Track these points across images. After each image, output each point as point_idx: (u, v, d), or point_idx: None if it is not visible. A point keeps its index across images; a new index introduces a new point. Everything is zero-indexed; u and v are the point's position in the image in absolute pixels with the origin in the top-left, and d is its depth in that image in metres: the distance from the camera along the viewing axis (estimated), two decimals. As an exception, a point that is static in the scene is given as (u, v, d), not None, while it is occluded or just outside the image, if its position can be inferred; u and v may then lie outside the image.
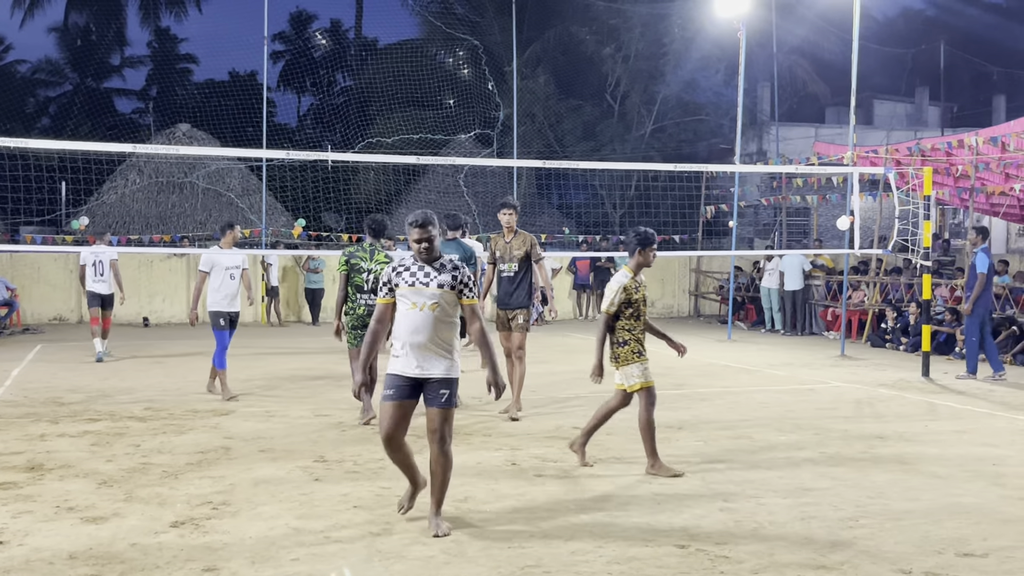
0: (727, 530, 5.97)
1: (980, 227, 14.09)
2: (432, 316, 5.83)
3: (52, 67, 37.91)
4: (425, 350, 5.84)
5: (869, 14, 38.06)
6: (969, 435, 9.23)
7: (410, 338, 5.83)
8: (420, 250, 5.87)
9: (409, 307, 5.87)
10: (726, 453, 8.20)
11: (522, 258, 10.04)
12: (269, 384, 12.22)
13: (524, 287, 10.07)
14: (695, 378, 13.24)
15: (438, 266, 5.92)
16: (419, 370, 5.86)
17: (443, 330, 5.88)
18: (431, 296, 5.83)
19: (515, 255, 10.04)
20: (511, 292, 10.06)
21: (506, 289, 10.09)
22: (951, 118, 39.76)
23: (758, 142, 32.98)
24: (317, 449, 8.22)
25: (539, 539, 5.75)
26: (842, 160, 19.09)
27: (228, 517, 6.18)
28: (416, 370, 5.86)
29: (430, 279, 5.86)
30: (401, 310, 5.91)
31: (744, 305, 22.97)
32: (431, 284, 5.85)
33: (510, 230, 10.12)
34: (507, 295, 10.08)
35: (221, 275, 11.18)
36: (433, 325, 5.84)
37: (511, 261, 10.05)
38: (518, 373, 10.06)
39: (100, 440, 8.55)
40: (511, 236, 10.12)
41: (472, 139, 29.42)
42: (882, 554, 5.53)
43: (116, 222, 25.33)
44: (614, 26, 31.18)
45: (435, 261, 5.94)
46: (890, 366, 14.83)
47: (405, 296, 5.89)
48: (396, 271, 5.97)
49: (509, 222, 10.07)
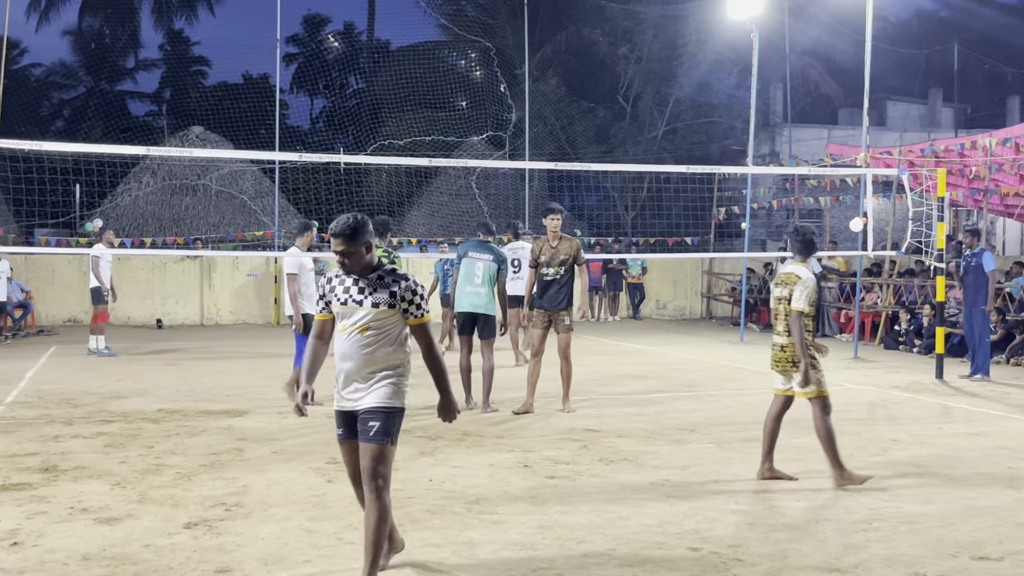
0: (740, 532, 5.95)
1: (973, 229, 14.08)
2: (362, 341, 4.92)
3: (66, 70, 38.15)
4: (355, 379, 4.96)
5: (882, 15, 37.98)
6: (983, 438, 9.18)
7: (340, 365, 4.99)
8: (340, 264, 4.96)
9: (339, 329, 5.01)
10: (739, 455, 8.18)
11: (567, 262, 10.29)
12: (280, 385, 12.22)
13: (567, 290, 10.34)
14: (707, 380, 13.21)
15: (375, 279, 4.96)
16: (348, 402, 5.00)
17: (380, 355, 4.95)
18: (361, 318, 4.92)
19: (561, 259, 10.28)
20: (555, 295, 10.30)
21: (550, 292, 10.32)
22: (965, 119, 39.58)
23: (771, 144, 32.92)
24: (329, 451, 8.23)
25: (551, 541, 5.74)
26: (855, 161, 19.03)
27: (241, 519, 6.19)
28: (345, 403, 5.01)
29: (364, 296, 4.92)
30: (336, 330, 5.09)
31: (756, 307, 22.91)
32: (365, 302, 4.90)
33: (555, 235, 10.37)
34: (551, 298, 10.32)
35: (308, 276, 10.90)
36: (364, 351, 4.93)
37: (556, 265, 10.28)
38: (566, 372, 10.36)
39: (114, 441, 8.59)
40: (556, 241, 10.36)
41: (484, 141, 29.44)
42: (896, 557, 5.50)
43: (130, 224, 25.45)
44: (627, 28, 31.17)
45: (372, 272, 4.98)
46: (903, 368, 14.77)
47: (337, 316, 5.05)
48: (330, 283, 5.08)
49: (555, 227, 10.33)
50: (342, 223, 4.92)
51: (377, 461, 4.87)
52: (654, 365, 14.90)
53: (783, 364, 7.35)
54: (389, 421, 4.92)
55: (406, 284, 4.94)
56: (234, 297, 22.44)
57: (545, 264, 10.35)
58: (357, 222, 4.93)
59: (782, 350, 7.33)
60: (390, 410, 4.94)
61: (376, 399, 4.93)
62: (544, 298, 10.35)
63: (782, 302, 7.32)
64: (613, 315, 24.39)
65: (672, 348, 16.83)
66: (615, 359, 15.73)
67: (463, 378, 10.38)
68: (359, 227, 4.92)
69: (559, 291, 10.29)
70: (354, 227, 4.91)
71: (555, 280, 10.29)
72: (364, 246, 4.94)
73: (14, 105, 28.26)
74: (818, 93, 36.93)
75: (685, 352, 16.77)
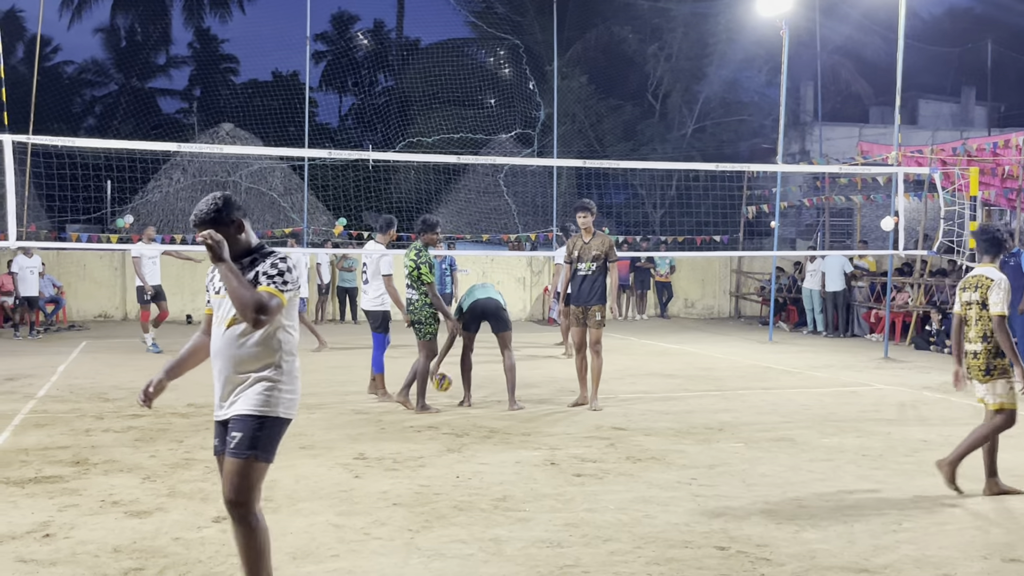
0: (768, 532, 5.92)
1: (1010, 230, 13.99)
2: (231, 335, 4.32)
3: (98, 67, 38.51)
4: (228, 381, 4.36)
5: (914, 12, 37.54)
6: (1015, 439, 9.06)
7: (213, 366, 4.45)
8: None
9: (216, 323, 4.45)
10: (767, 455, 8.14)
11: (600, 258, 10.41)
12: (309, 381, 12.28)
13: (600, 285, 10.44)
14: (736, 379, 13.16)
15: (248, 263, 4.38)
16: (221, 410, 4.40)
17: (251, 352, 4.32)
18: (230, 308, 4.30)
19: (593, 255, 10.41)
20: (588, 290, 10.42)
21: (583, 287, 10.45)
22: (998, 118, 39.12)
23: (801, 142, 32.71)
24: (357, 446, 8.27)
25: (578, 539, 5.74)
26: (886, 160, 18.87)
27: (269, 513, 6.20)
28: (219, 410, 4.42)
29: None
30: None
31: (785, 306, 22.78)
32: None
33: (588, 231, 10.52)
34: (584, 293, 10.44)
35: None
36: (233, 347, 4.32)
37: (589, 261, 10.43)
38: (595, 367, 10.46)
39: (144, 436, 8.66)
40: (589, 237, 10.52)
41: (512, 139, 29.45)
42: (926, 558, 5.46)
43: (160, 221, 25.65)
44: (657, 25, 31.07)
45: (247, 256, 4.40)
46: (934, 369, 14.64)
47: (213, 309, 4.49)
48: (213, 272, 4.49)
49: (586, 223, 10.49)
50: (201, 210, 4.30)
51: (237, 478, 4.20)
52: (682, 364, 14.85)
53: (976, 372, 7.02)
54: (257, 431, 4.24)
55: (271, 260, 4.33)
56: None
57: (578, 260, 10.49)
58: (218, 203, 4.31)
59: (975, 357, 6.99)
60: (261, 419, 4.26)
61: (244, 405, 4.28)
62: (578, 294, 10.48)
63: (972, 307, 6.99)
64: (641, 313, 24.32)
65: (700, 347, 16.75)
66: (643, 357, 15.70)
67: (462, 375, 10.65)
68: (221, 208, 4.30)
69: (592, 287, 10.40)
70: (216, 209, 4.29)
71: (588, 276, 10.41)
72: (234, 226, 4.33)
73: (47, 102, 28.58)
74: (849, 91, 36.63)
75: (713, 351, 16.70)
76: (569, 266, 10.63)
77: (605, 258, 10.44)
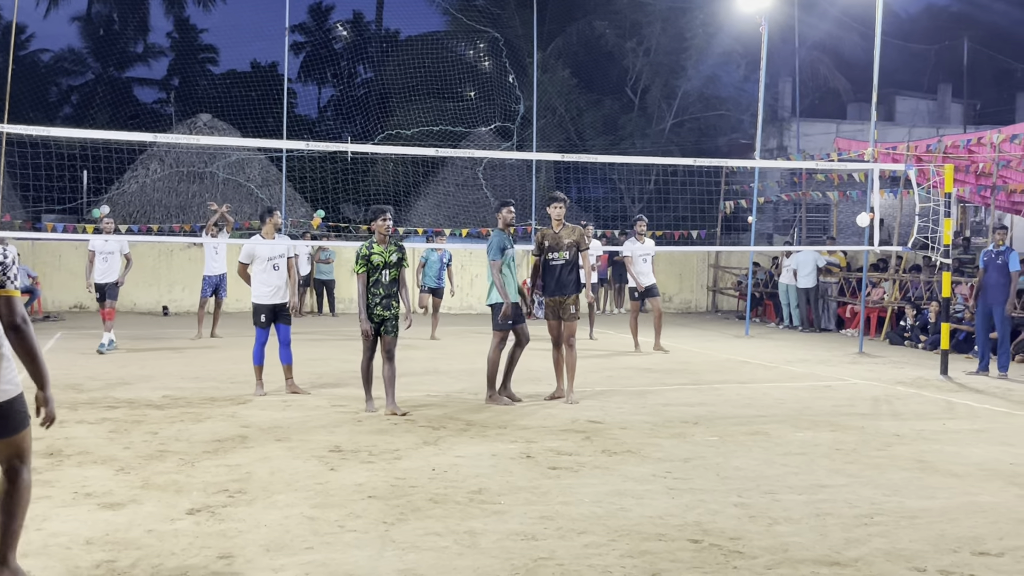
0: (741, 525, 5.96)
1: (1002, 226, 14.14)
2: None
3: (75, 56, 38.19)
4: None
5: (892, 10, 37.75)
6: (987, 434, 9.18)
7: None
8: None
9: None
10: (741, 448, 8.19)
11: (572, 248, 10.46)
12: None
13: (574, 275, 10.49)
14: (712, 373, 13.22)
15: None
16: None
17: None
18: None
19: (565, 244, 10.45)
20: (563, 279, 10.45)
21: (557, 277, 10.47)
22: (974, 115, 39.44)
23: (779, 138, 32.85)
24: (333, 439, 8.26)
25: (552, 531, 5.76)
26: (863, 156, 18.99)
27: (244, 505, 6.21)
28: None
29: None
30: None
31: (762, 301, 22.91)
32: None
33: (559, 222, 10.55)
34: (558, 283, 10.47)
35: (263, 266, 10.64)
36: None
37: (561, 250, 10.46)
38: (570, 361, 10.48)
39: (118, 427, 8.61)
40: (560, 227, 10.55)
41: (492, 132, 29.42)
42: (897, 552, 5.51)
43: (136, 211, 25.50)
44: (636, 20, 31.10)
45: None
46: (908, 364, 14.76)
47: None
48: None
49: (559, 215, 10.52)
50: None
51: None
52: (658, 358, 14.91)
53: None
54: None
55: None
56: (240, 284, 22.42)
57: (550, 250, 10.51)
58: None
59: None
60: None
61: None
62: (552, 284, 10.49)
63: None
64: (619, 307, 24.38)
65: (677, 341, 16.81)
66: (620, 351, 15.74)
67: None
68: None
69: (567, 276, 10.44)
70: None
71: (562, 265, 10.45)
72: None
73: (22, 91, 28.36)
74: (827, 87, 36.81)
75: (690, 345, 16.76)
76: (537, 258, 10.67)
77: (577, 247, 10.49)
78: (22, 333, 4.50)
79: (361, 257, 9.64)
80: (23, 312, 4.51)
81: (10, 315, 4.46)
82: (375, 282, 9.63)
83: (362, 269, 9.61)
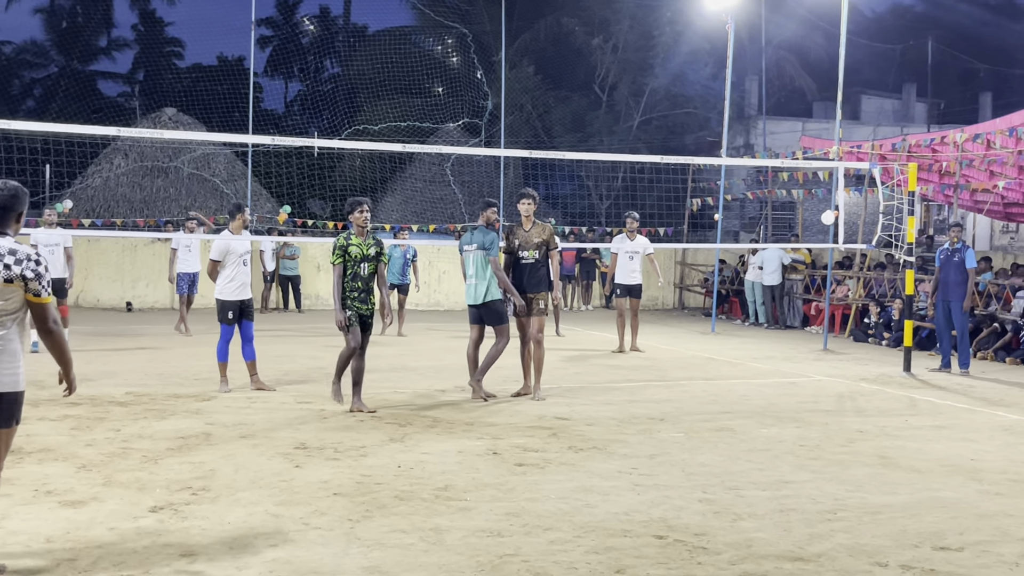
0: (706, 521, 5.99)
1: (957, 224, 14.32)
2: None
3: (37, 49, 37.66)
4: None
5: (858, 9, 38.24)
6: (948, 430, 9.28)
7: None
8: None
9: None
10: (707, 445, 8.23)
11: (542, 246, 10.43)
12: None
13: (543, 273, 10.48)
14: (678, 370, 13.28)
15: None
16: None
17: None
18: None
19: (534, 243, 10.41)
20: (531, 278, 10.43)
21: (526, 275, 10.44)
22: (938, 115, 39.86)
23: (745, 136, 33.05)
24: (298, 436, 8.21)
25: (518, 528, 5.76)
26: (828, 155, 19.13)
27: (207, 503, 6.16)
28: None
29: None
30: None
31: (728, 298, 23.04)
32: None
33: (528, 219, 10.51)
34: (528, 281, 10.43)
35: (235, 263, 10.53)
36: None
37: (531, 249, 10.41)
38: (537, 357, 10.48)
39: (80, 424, 8.52)
40: (530, 225, 10.50)
41: (460, 128, 29.38)
42: (860, 547, 5.56)
43: (100, 206, 25.24)
44: (604, 17, 31.18)
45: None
46: (872, 361, 14.90)
47: None
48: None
49: (528, 211, 10.47)
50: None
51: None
52: (625, 354, 14.95)
53: None
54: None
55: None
56: (205, 280, 22.24)
57: (520, 248, 10.47)
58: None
59: None
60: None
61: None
62: (522, 283, 10.44)
63: None
64: (586, 304, 24.43)
65: (644, 338, 16.86)
66: (587, 348, 15.77)
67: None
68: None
69: (536, 275, 10.43)
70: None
71: (531, 264, 10.43)
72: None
73: (-17, 83, 27.94)
74: (793, 86, 37.09)
75: (656, 342, 16.83)
76: (510, 256, 10.61)
77: (547, 246, 10.47)
78: (54, 336, 4.94)
79: (338, 248, 9.43)
80: (55, 315, 4.95)
81: (43, 320, 4.89)
82: (353, 275, 9.45)
83: (339, 260, 9.39)
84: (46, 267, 4.88)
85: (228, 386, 10.51)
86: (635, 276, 15.34)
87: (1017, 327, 15.28)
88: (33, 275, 4.76)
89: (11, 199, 4.90)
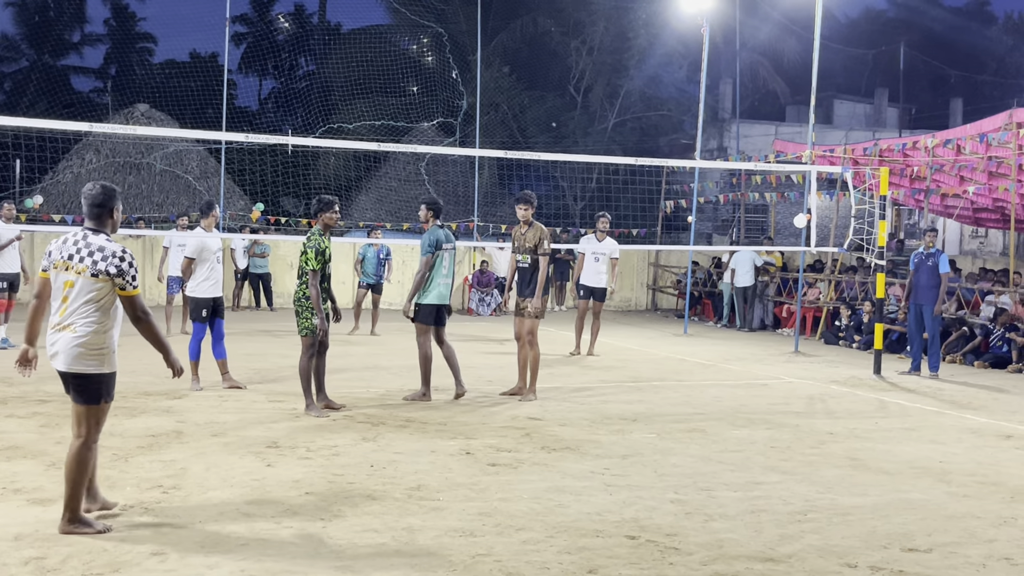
0: (677, 522, 6.02)
1: (932, 228, 14.48)
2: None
3: (8, 43, 37.23)
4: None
5: (831, 14, 38.46)
6: (918, 432, 9.37)
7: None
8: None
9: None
10: (679, 446, 8.26)
11: (532, 249, 10.53)
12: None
13: (534, 278, 10.51)
14: (651, 371, 13.32)
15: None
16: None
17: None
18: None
19: (527, 246, 10.53)
20: (525, 281, 10.56)
21: (522, 278, 10.60)
22: (909, 120, 40.22)
23: (719, 139, 33.21)
24: (270, 435, 8.18)
25: (491, 528, 5.76)
26: (801, 158, 19.26)
27: (178, 501, 6.13)
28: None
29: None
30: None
31: (701, 300, 23.15)
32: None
33: (525, 222, 10.61)
34: (522, 283, 10.58)
35: (210, 260, 10.47)
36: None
37: (524, 252, 10.56)
38: (528, 357, 10.52)
39: (49, 422, 8.44)
40: (526, 228, 10.61)
41: (435, 127, 29.33)
42: (829, 548, 5.60)
43: (71, 202, 24.98)
44: (579, 19, 31.21)
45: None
46: (843, 363, 15.01)
47: None
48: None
49: (524, 215, 10.60)
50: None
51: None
52: (598, 355, 14.97)
53: None
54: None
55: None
56: (177, 278, 22.09)
57: (516, 251, 10.66)
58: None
59: None
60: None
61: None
62: (518, 284, 10.62)
63: None
64: (560, 304, 24.47)
65: (617, 339, 16.91)
66: (560, 348, 15.78)
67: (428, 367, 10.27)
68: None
69: (528, 279, 10.52)
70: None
71: (525, 268, 10.55)
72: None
73: (-48, 77, 27.61)
74: (767, 90, 37.32)
75: (629, 343, 16.88)
76: (514, 256, 10.76)
77: (536, 250, 10.47)
78: (144, 324, 5.60)
79: (319, 253, 9.18)
80: (143, 306, 5.58)
81: (132, 311, 5.55)
82: (324, 276, 9.40)
83: (319, 265, 9.21)
84: (131, 263, 5.48)
85: (199, 384, 10.45)
86: (600, 279, 14.98)
87: (986, 331, 15.45)
88: (116, 271, 5.41)
89: (105, 198, 5.59)
